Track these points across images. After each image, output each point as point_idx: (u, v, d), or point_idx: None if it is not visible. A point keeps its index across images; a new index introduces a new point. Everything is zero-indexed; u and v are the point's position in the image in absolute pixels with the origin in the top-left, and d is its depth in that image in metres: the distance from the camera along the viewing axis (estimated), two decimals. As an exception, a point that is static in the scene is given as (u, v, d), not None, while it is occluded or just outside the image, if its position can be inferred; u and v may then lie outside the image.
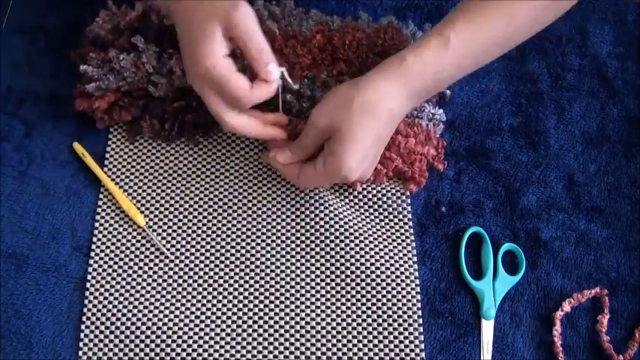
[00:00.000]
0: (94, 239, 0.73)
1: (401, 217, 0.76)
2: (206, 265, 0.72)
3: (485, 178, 0.80)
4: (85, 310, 0.70)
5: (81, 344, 0.69)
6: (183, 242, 0.74)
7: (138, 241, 0.74)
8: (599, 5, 0.92)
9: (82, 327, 0.69)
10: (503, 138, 0.82)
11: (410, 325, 0.70)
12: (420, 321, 0.71)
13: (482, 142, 0.82)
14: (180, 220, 0.75)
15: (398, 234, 0.75)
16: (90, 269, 0.72)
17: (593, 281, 0.74)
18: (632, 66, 0.88)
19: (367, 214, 0.76)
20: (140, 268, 0.72)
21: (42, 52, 0.84)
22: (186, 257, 0.73)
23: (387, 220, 0.76)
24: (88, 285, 0.71)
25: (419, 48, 0.68)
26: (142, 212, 0.75)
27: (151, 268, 0.72)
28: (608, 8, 0.92)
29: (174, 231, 0.74)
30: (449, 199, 0.78)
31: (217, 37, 0.64)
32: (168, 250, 0.73)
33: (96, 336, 0.69)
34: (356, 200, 0.77)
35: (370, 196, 0.77)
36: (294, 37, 0.81)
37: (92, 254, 0.73)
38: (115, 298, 0.71)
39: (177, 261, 0.73)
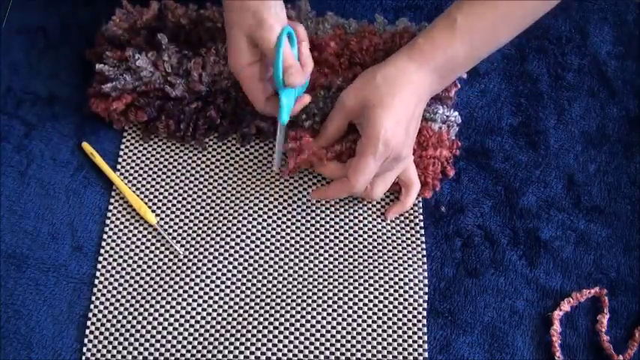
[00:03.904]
0: (105, 236, 0.74)
1: (412, 224, 0.76)
2: (214, 265, 0.72)
3: (485, 177, 0.80)
4: (92, 306, 0.70)
5: (85, 340, 0.68)
6: (193, 242, 0.74)
7: (148, 240, 0.74)
8: (599, 5, 0.92)
9: (88, 323, 0.69)
10: (503, 138, 0.82)
11: (414, 324, 0.70)
12: (425, 321, 0.71)
13: (482, 142, 0.82)
14: (191, 221, 0.75)
15: (406, 236, 0.75)
16: (99, 266, 0.72)
17: (593, 281, 0.74)
18: (632, 66, 0.88)
19: (379, 220, 0.76)
20: (149, 267, 0.72)
21: (42, 52, 0.84)
22: (195, 256, 0.73)
23: (396, 224, 0.76)
24: (96, 282, 0.71)
25: (428, 31, 0.72)
26: (154, 211, 0.75)
27: (159, 267, 0.72)
28: (608, 8, 0.92)
29: (184, 231, 0.75)
30: (449, 199, 0.78)
31: (242, 46, 0.69)
32: (177, 249, 0.73)
33: (101, 333, 0.69)
34: (370, 205, 0.77)
35: (383, 203, 0.77)
36: (311, 42, 0.80)
37: (102, 251, 0.73)
38: (123, 297, 0.71)
39: (185, 260, 0.73)
